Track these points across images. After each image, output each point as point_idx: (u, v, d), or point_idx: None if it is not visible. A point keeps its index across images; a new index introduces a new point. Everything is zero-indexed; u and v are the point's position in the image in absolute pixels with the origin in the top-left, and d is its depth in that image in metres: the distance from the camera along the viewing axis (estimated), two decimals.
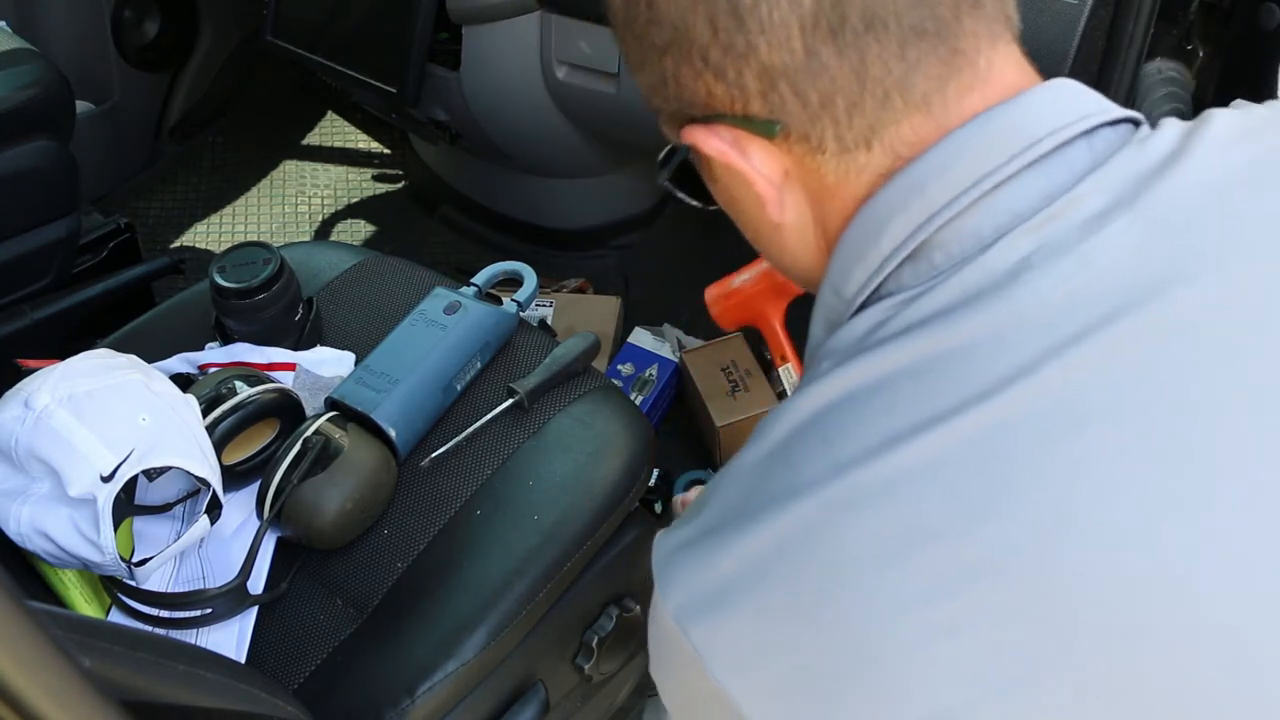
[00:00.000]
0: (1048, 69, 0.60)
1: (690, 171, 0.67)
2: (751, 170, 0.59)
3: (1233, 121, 0.58)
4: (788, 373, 1.21)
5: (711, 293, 1.23)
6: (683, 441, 1.75)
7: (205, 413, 1.04)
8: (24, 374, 1.00)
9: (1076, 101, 0.58)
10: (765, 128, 0.57)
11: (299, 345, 1.22)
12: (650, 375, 1.78)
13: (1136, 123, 0.59)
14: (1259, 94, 1.18)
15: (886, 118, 0.56)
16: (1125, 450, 0.51)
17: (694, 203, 0.71)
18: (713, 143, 0.59)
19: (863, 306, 0.59)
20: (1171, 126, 0.58)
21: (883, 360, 0.55)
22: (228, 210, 2.27)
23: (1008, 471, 0.51)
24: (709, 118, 0.59)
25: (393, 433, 1.11)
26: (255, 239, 1.59)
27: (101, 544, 0.94)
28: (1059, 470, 0.51)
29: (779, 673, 0.54)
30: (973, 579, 0.50)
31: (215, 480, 1.00)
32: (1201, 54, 1.27)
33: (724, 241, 2.13)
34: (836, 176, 0.58)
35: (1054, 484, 0.50)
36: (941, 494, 0.51)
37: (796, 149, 0.58)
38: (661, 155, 0.67)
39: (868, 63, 0.54)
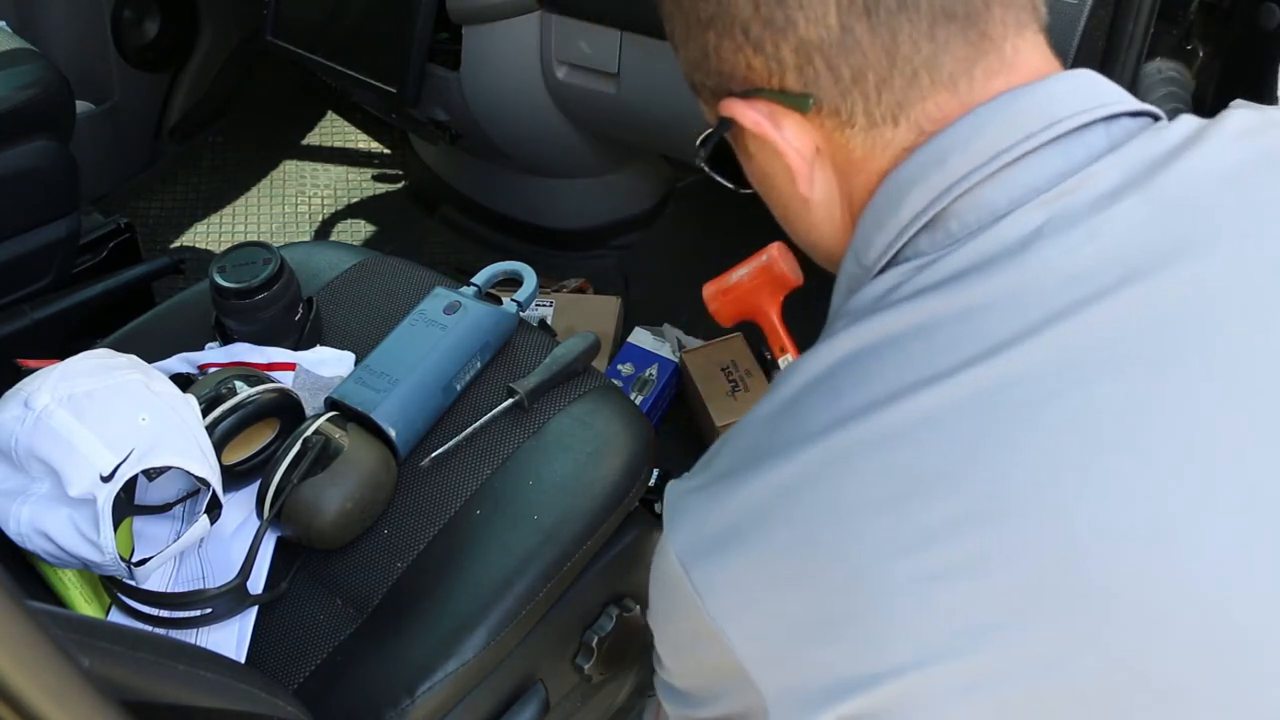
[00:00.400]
0: None
1: (725, 155, 0.70)
2: (784, 143, 0.61)
3: (1249, 117, 0.60)
4: (788, 363, 1.21)
5: (709, 289, 1.23)
6: (683, 441, 1.75)
7: (205, 413, 1.04)
8: (24, 374, 1.00)
9: (1098, 90, 0.60)
10: (799, 101, 0.60)
11: (299, 345, 1.22)
12: (650, 375, 1.78)
13: (1156, 118, 0.61)
14: (1259, 94, 1.18)
15: (914, 95, 0.58)
16: (1122, 410, 0.52)
17: (728, 185, 0.73)
18: (749, 114, 0.61)
19: (880, 273, 0.61)
20: (1188, 119, 0.60)
21: (894, 319, 0.57)
22: (228, 210, 2.27)
23: (1005, 425, 0.53)
24: (747, 92, 0.61)
25: (393, 433, 1.11)
26: (255, 239, 1.59)
27: (101, 544, 0.94)
28: (1055, 426, 0.52)
29: (774, 615, 0.56)
30: (966, 527, 0.52)
31: (215, 480, 1.00)
32: (1201, 54, 1.27)
33: (724, 241, 2.13)
34: (864, 151, 0.61)
35: (1049, 439, 0.52)
36: (940, 444, 0.53)
37: (828, 123, 0.60)
38: (700, 139, 0.69)
39: (898, 41, 0.57)
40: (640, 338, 1.84)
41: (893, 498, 0.53)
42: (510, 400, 1.17)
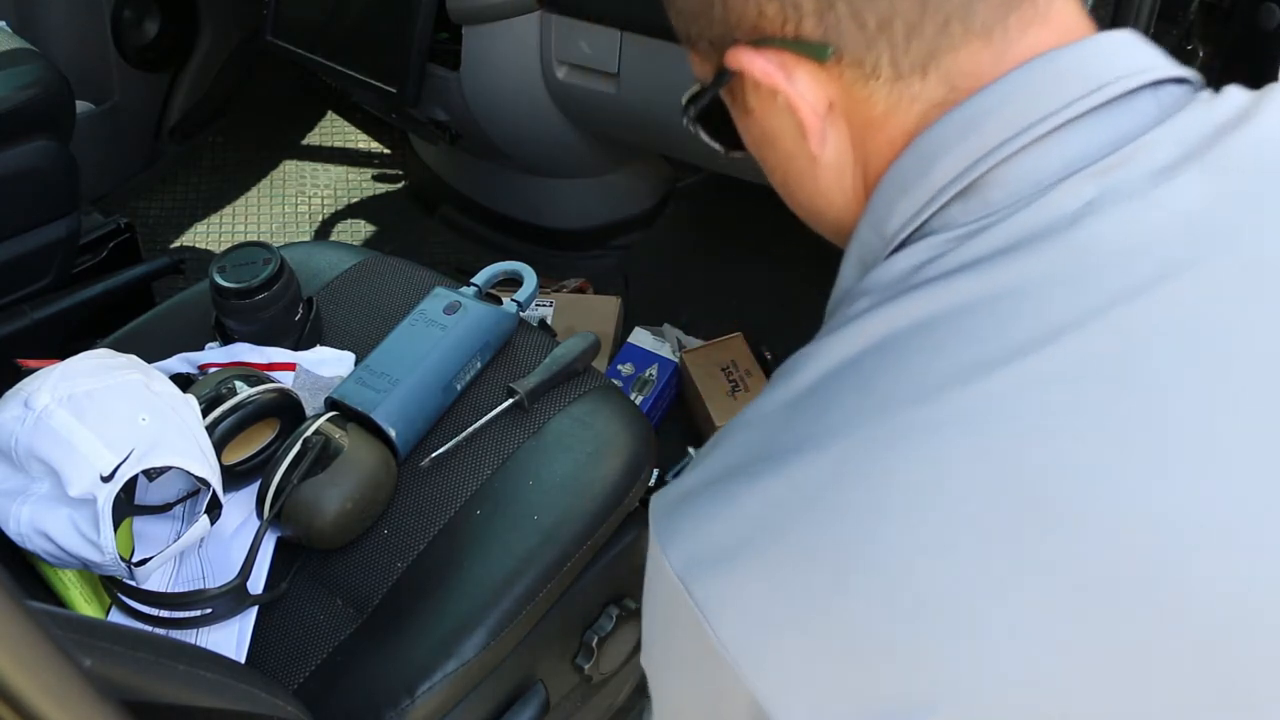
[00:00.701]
0: None
1: (716, 113, 0.64)
2: (797, 96, 0.56)
3: None
4: None
5: None
6: (683, 441, 1.75)
7: (205, 413, 1.04)
8: (24, 374, 1.00)
9: (1142, 52, 0.56)
10: (817, 50, 0.54)
11: (299, 345, 1.22)
12: (650, 375, 1.78)
13: (1195, 85, 0.57)
14: None
15: (945, 44, 0.53)
16: (1201, 402, 0.48)
17: (716, 146, 0.68)
18: (758, 63, 0.56)
19: (903, 245, 0.56)
20: (1238, 90, 0.57)
21: (933, 298, 0.52)
22: (228, 210, 2.27)
23: (1076, 417, 0.48)
24: (757, 41, 0.56)
25: (393, 433, 1.11)
26: (255, 239, 1.59)
27: (101, 544, 0.94)
28: (1130, 418, 0.48)
29: (797, 634, 0.49)
30: (1032, 531, 0.47)
31: (215, 480, 1.00)
32: (1201, 54, 1.27)
33: (724, 241, 2.13)
34: (887, 106, 0.55)
35: (1124, 432, 0.48)
36: (1001, 440, 0.48)
37: (848, 74, 0.55)
38: (687, 96, 0.64)
39: None
40: (640, 338, 1.84)
41: (947, 500, 0.47)
42: (510, 400, 1.17)
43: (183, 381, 1.11)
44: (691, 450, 0.83)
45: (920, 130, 0.55)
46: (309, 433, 1.06)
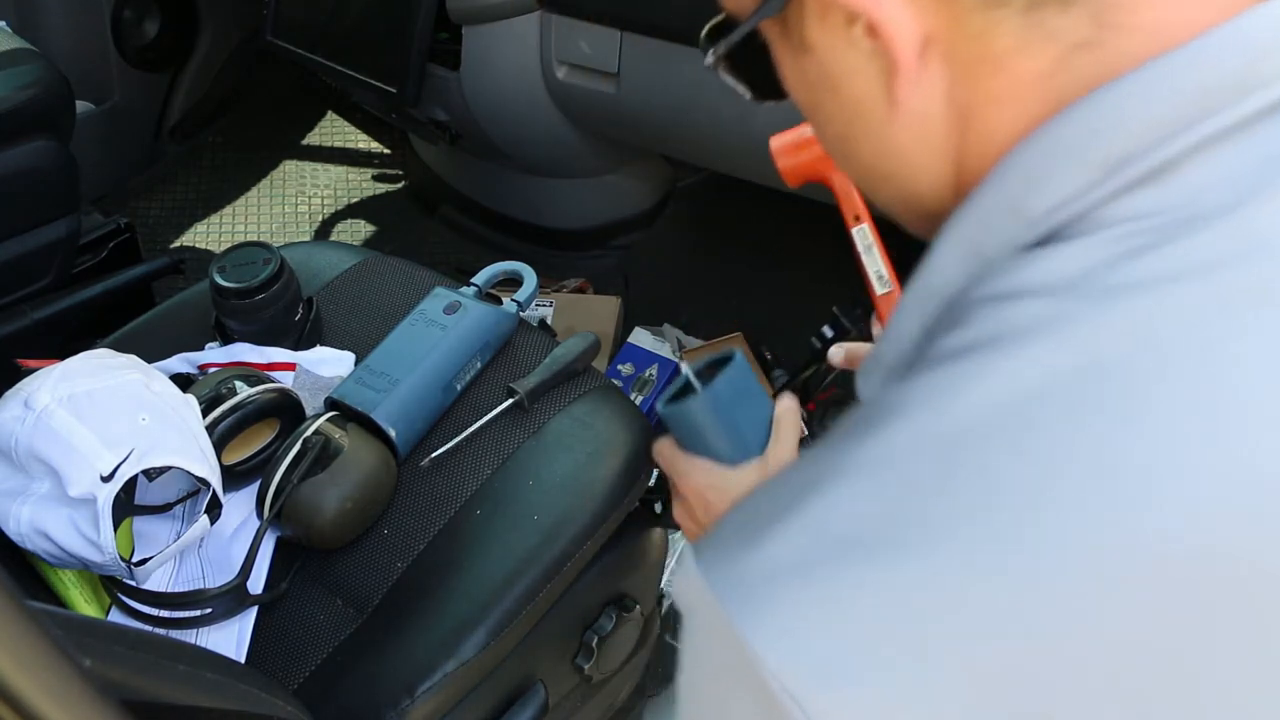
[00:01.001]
0: None
1: (749, 51, 0.53)
2: (890, 22, 0.43)
3: None
4: (863, 234, 1.03)
5: (779, 142, 0.97)
6: None
7: (205, 413, 1.04)
8: (24, 374, 1.00)
9: None
10: None
11: (299, 345, 1.22)
12: (650, 375, 1.78)
13: None
14: None
15: None
16: None
17: (745, 92, 0.58)
18: None
19: (1056, 233, 0.43)
20: None
21: (1157, 312, 0.39)
22: (228, 210, 2.27)
23: None
24: None
25: (393, 433, 1.11)
26: (255, 239, 1.59)
27: (101, 544, 0.94)
28: None
29: None
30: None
31: (215, 480, 1.00)
32: None
33: (724, 242, 2.12)
34: (1011, 44, 0.43)
35: None
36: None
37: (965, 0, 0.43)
38: (709, 26, 0.54)
39: None
40: (640, 338, 1.84)
41: (1207, 618, 0.36)
42: (510, 400, 1.17)
43: (183, 381, 1.11)
44: (685, 365, 0.71)
45: (1057, 78, 0.43)
46: (309, 433, 1.06)
